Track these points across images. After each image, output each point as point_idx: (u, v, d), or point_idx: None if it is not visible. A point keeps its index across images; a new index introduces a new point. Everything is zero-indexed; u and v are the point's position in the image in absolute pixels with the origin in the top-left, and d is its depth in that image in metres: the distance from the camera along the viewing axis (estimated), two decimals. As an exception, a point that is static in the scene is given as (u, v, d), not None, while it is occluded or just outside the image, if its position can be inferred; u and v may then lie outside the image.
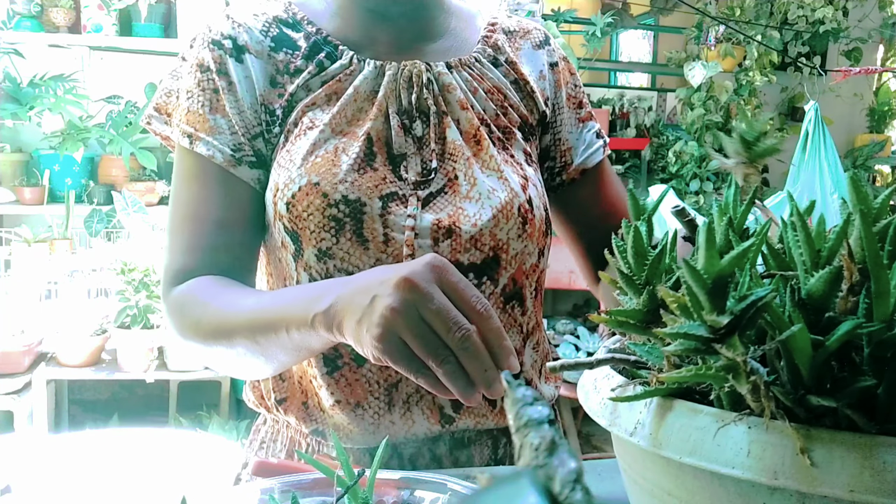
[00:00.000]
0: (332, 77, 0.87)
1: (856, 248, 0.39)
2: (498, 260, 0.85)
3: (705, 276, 0.38)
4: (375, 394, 0.84)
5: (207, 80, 0.86)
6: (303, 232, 0.82)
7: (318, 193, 0.81)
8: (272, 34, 0.89)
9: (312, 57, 0.88)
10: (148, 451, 0.78)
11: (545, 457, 0.26)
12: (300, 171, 0.82)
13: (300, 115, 0.86)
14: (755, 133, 0.57)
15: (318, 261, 0.82)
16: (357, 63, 0.88)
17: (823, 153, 3.29)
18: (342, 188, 0.81)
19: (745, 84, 3.91)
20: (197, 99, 0.87)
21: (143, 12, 3.10)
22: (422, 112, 0.87)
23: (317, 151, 0.83)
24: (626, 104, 4.11)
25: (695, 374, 0.39)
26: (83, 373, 2.60)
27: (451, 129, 0.87)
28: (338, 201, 0.81)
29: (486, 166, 0.87)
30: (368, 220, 0.81)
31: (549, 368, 0.50)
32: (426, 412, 0.84)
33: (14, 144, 3.18)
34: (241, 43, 0.88)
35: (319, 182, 0.81)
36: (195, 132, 0.85)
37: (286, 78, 0.87)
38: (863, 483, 0.35)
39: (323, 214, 0.81)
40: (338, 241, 0.81)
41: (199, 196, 0.86)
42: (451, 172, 0.85)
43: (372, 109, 0.86)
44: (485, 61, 0.94)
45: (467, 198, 0.84)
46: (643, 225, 0.48)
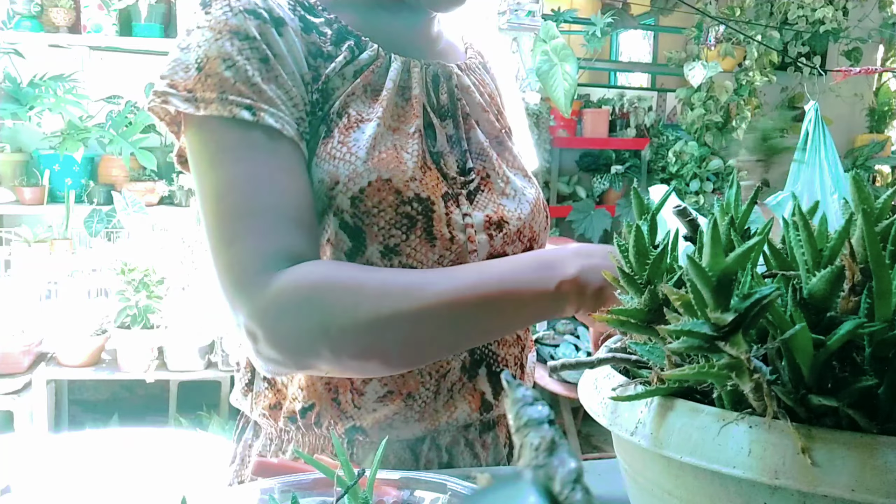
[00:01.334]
0: (365, 67, 0.83)
1: (858, 248, 0.38)
2: (531, 249, 0.90)
3: (710, 274, 0.38)
4: (427, 384, 0.84)
5: (252, 49, 0.76)
6: (369, 228, 0.78)
7: (391, 190, 0.78)
8: (298, 14, 0.83)
9: (340, 44, 0.83)
10: (148, 451, 0.78)
11: (545, 457, 0.26)
12: (367, 166, 0.78)
13: (343, 105, 0.81)
14: (775, 130, 0.57)
15: (383, 257, 0.79)
16: (384, 56, 0.85)
17: (823, 153, 3.29)
18: (413, 186, 0.80)
19: (745, 84, 3.91)
20: (242, 68, 0.75)
21: (143, 12, 3.10)
22: (451, 112, 0.88)
23: (379, 147, 0.80)
24: (626, 104, 4.11)
25: (697, 371, 0.39)
26: (83, 373, 2.60)
27: (476, 131, 0.90)
28: (411, 199, 0.79)
29: (512, 165, 0.91)
30: (437, 219, 0.81)
31: (550, 368, 0.50)
32: (468, 398, 0.86)
33: (14, 144, 3.18)
34: (277, 15, 0.79)
35: (391, 178, 0.78)
36: (255, 103, 0.74)
37: (319, 62, 0.81)
38: (864, 483, 0.35)
39: (396, 211, 0.78)
40: (407, 238, 0.79)
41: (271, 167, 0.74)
42: (483, 171, 0.88)
43: (411, 106, 0.85)
44: (479, 67, 0.97)
45: (504, 194, 0.88)
46: (645, 224, 0.48)
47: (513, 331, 0.85)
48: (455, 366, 0.85)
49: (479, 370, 0.87)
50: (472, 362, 0.86)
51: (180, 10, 3.11)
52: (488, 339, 0.85)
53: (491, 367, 0.87)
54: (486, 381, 0.87)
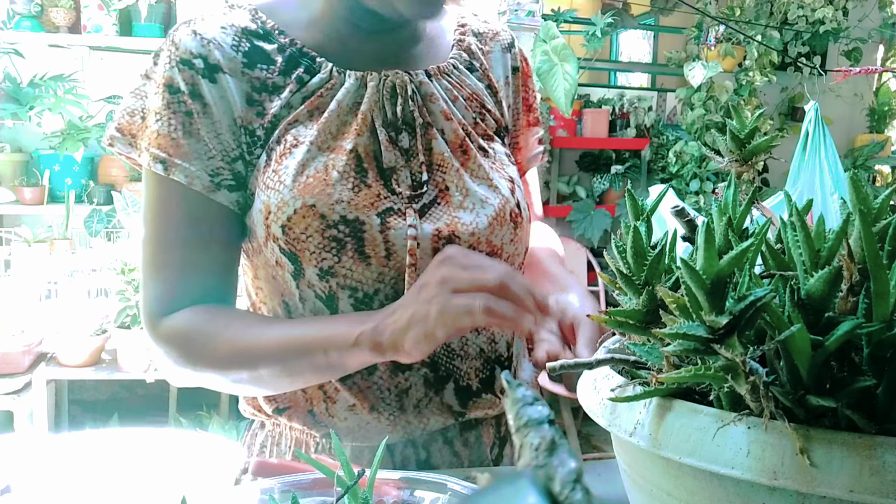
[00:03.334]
0: (314, 92, 0.84)
1: (855, 248, 0.38)
2: None
3: (704, 277, 0.38)
4: (387, 400, 0.86)
5: (178, 102, 0.81)
6: (301, 253, 0.81)
7: (316, 215, 0.80)
8: (243, 48, 0.84)
9: (290, 72, 0.84)
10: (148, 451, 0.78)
11: (545, 457, 0.26)
12: (293, 193, 0.80)
13: (282, 132, 0.83)
14: (746, 130, 0.57)
15: (321, 279, 0.82)
16: (338, 75, 0.85)
17: (823, 153, 3.29)
18: (339, 208, 0.80)
19: (745, 84, 3.91)
20: (168, 122, 0.81)
21: (143, 12, 3.10)
22: (407, 124, 0.86)
23: (306, 171, 0.81)
24: (626, 104, 4.11)
25: (694, 374, 0.39)
26: (83, 373, 2.59)
27: (438, 141, 0.86)
28: (336, 222, 0.80)
29: (476, 175, 0.88)
30: (369, 238, 0.81)
31: (549, 369, 0.50)
32: (436, 411, 0.88)
33: (14, 144, 3.18)
34: (212, 61, 0.82)
35: (315, 204, 0.80)
36: (169, 157, 0.81)
37: (264, 96, 0.84)
38: (862, 483, 0.35)
39: (322, 236, 0.80)
40: (339, 260, 0.81)
41: (177, 221, 0.83)
42: (442, 183, 0.86)
43: (356, 123, 0.84)
44: (461, 67, 0.93)
45: (461, 207, 0.85)
46: (642, 225, 0.48)
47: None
48: (416, 381, 0.86)
49: (447, 385, 0.87)
50: (438, 378, 0.87)
51: (180, 10, 3.11)
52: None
53: (458, 382, 0.88)
54: (454, 395, 0.88)
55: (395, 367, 0.86)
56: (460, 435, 0.92)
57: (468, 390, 0.89)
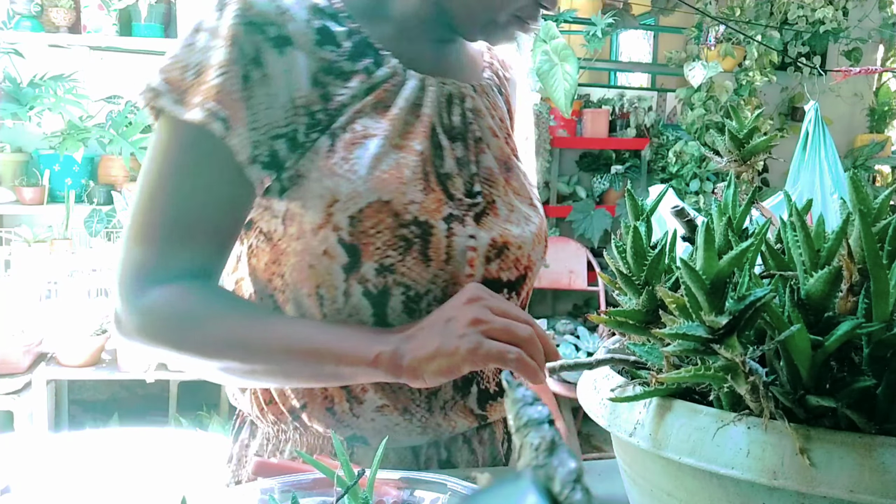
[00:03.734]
0: (379, 85, 0.83)
1: (855, 249, 0.38)
2: (525, 278, 0.90)
3: (704, 277, 0.38)
4: (417, 401, 0.86)
5: (243, 64, 0.76)
6: (365, 247, 0.79)
7: (390, 212, 0.79)
8: (315, 24, 0.81)
9: (357, 60, 0.82)
10: (148, 451, 0.78)
11: (545, 457, 0.26)
12: (367, 186, 0.78)
13: (349, 120, 0.80)
14: (744, 130, 0.57)
15: (378, 275, 0.80)
16: (401, 73, 0.84)
17: (823, 153, 3.29)
18: (413, 209, 0.80)
19: (745, 84, 3.91)
20: (232, 78, 0.75)
21: (143, 12, 3.10)
22: (461, 134, 0.87)
23: (381, 166, 0.79)
24: (626, 104, 4.11)
25: (693, 374, 0.39)
26: (83, 373, 2.59)
27: (486, 155, 0.88)
28: (409, 222, 0.80)
29: (518, 193, 0.90)
30: (435, 241, 0.81)
31: (549, 369, 0.50)
32: (461, 414, 0.88)
33: (14, 144, 3.18)
34: (285, 33, 0.78)
35: (391, 201, 0.79)
36: (230, 118, 0.75)
37: (330, 79, 0.80)
38: (862, 483, 0.35)
39: (393, 233, 0.79)
40: (403, 259, 0.80)
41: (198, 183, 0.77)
42: (489, 197, 0.87)
43: (419, 125, 0.83)
44: (493, 89, 0.95)
45: (509, 221, 0.87)
46: (642, 225, 0.48)
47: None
48: (445, 384, 0.86)
49: (471, 388, 0.88)
50: (465, 381, 0.87)
51: (180, 10, 3.11)
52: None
53: (479, 385, 0.89)
54: (475, 398, 0.88)
55: None
56: (477, 433, 0.92)
57: (486, 393, 0.90)
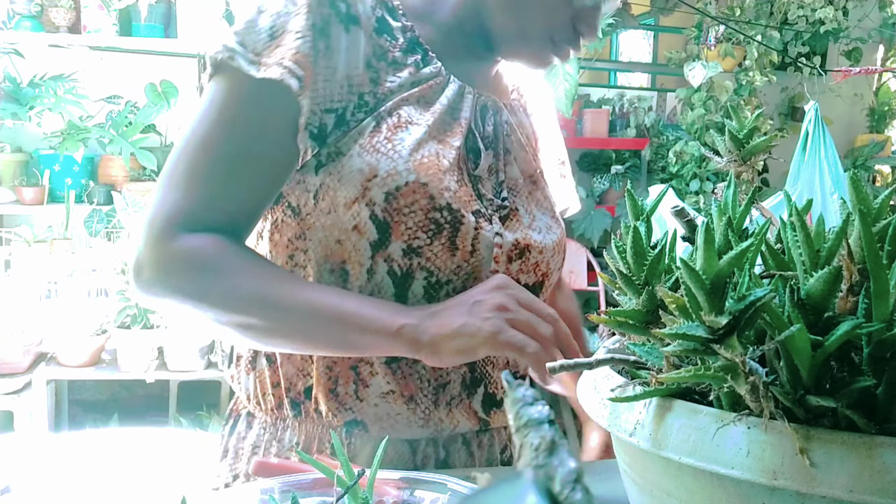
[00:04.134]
0: (424, 81, 0.86)
1: (855, 248, 0.38)
2: (542, 285, 0.92)
3: (704, 277, 0.38)
4: (425, 391, 0.86)
5: (319, 33, 0.79)
6: (396, 225, 0.80)
7: (426, 194, 0.81)
8: (378, 13, 0.85)
9: (409, 53, 0.86)
10: (148, 451, 0.78)
11: (545, 457, 0.26)
12: (408, 166, 0.80)
13: (395, 106, 0.83)
14: (745, 130, 0.57)
15: (404, 255, 0.81)
16: (445, 75, 0.88)
17: (823, 153, 3.29)
18: (447, 195, 0.82)
19: (745, 84, 3.90)
20: (307, 44, 0.78)
21: (143, 12, 3.10)
22: (493, 143, 0.90)
23: (422, 150, 0.83)
24: (626, 104, 4.11)
25: (693, 374, 0.39)
26: (83, 373, 2.60)
27: (513, 167, 0.92)
28: (442, 206, 0.82)
29: (540, 206, 0.94)
30: (464, 231, 0.83)
31: (549, 369, 0.50)
32: (465, 413, 0.88)
33: (14, 144, 3.18)
34: (354, 12, 0.82)
35: (428, 183, 0.81)
36: (304, 79, 0.78)
37: (383, 65, 0.84)
38: (862, 483, 0.35)
39: (426, 216, 0.81)
40: (431, 243, 0.82)
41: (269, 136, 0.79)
42: (513, 204, 0.90)
43: (457, 126, 0.87)
44: (520, 110, 0.99)
45: (531, 228, 0.90)
46: (642, 225, 0.48)
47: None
48: (455, 379, 0.87)
49: (478, 389, 0.88)
50: (473, 380, 0.88)
51: (180, 10, 3.11)
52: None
53: (487, 388, 0.89)
54: (481, 400, 0.89)
55: None
56: (477, 437, 0.92)
57: (493, 398, 0.90)
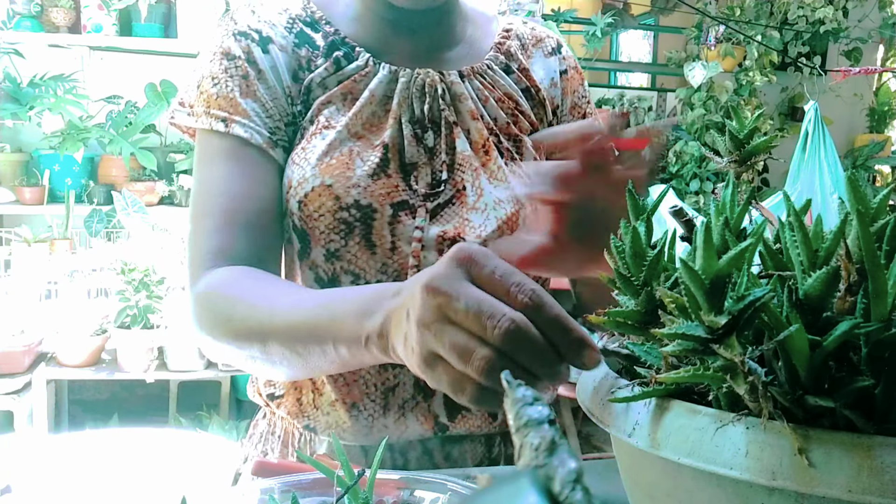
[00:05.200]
0: (348, 76, 0.88)
1: (853, 248, 0.39)
2: None
3: (703, 277, 0.38)
4: (372, 396, 0.86)
5: (235, 68, 0.86)
6: (312, 231, 0.84)
7: (331, 195, 0.82)
8: (295, 30, 0.90)
9: (330, 55, 0.89)
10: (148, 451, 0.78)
11: (545, 457, 0.26)
12: (314, 171, 0.83)
13: (316, 112, 0.87)
14: (745, 131, 0.58)
15: (326, 261, 0.84)
16: (372, 66, 0.89)
17: (823, 153, 3.29)
18: (355, 192, 0.82)
19: (745, 84, 3.91)
20: (225, 84, 0.86)
21: (143, 12, 3.10)
22: (433, 122, 0.88)
23: (332, 153, 0.84)
24: (626, 104, 4.11)
25: (692, 374, 0.39)
26: (83, 373, 2.60)
27: (461, 140, 0.88)
28: (349, 205, 0.82)
29: (494, 177, 0.88)
30: (378, 227, 0.83)
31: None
32: (420, 419, 0.86)
33: (14, 144, 3.18)
34: (266, 35, 0.88)
35: (333, 184, 0.82)
36: (229, 115, 0.85)
37: (306, 74, 0.88)
38: (861, 483, 0.35)
39: (334, 217, 0.83)
40: (346, 244, 0.83)
41: (233, 174, 0.84)
42: (460, 183, 0.87)
43: (387, 117, 0.87)
44: (497, 69, 0.94)
45: (474, 209, 0.86)
46: (641, 225, 0.48)
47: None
48: (406, 381, 0.86)
49: (436, 392, 0.85)
50: None
51: (180, 10, 3.11)
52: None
53: None
54: (442, 404, 0.86)
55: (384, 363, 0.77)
56: (442, 447, 0.89)
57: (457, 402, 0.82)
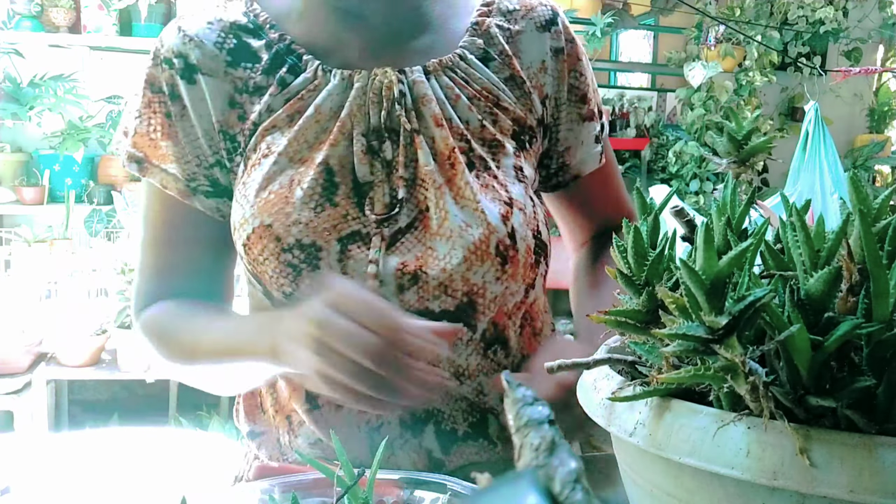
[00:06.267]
0: (295, 94, 0.78)
1: (855, 249, 0.38)
2: (474, 305, 0.76)
3: (703, 277, 0.38)
4: (356, 437, 0.78)
5: (159, 103, 0.80)
6: (262, 276, 0.77)
7: (272, 237, 0.74)
8: (229, 45, 0.79)
9: (273, 72, 0.78)
10: (148, 451, 0.78)
11: (545, 457, 0.26)
12: (253, 210, 0.75)
13: (259, 139, 0.78)
14: (744, 131, 0.57)
15: (286, 305, 0.76)
16: (322, 75, 0.78)
17: (823, 153, 3.29)
18: (295, 231, 0.73)
19: (745, 84, 3.90)
20: (147, 121, 0.81)
21: (143, 12, 3.10)
22: (392, 131, 0.77)
23: (270, 185, 0.75)
24: (626, 104, 4.11)
25: (693, 374, 0.39)
26: (83, 373, 2.59)
27: (423, 151, 0.77)
28: (291, 245, 0.73)
29: (461, 195, 0.76)
30: (325, 267, 0.73)
31: (547, 368, 0.50)
32: (412, 456, 0.78)
33: (14, 144, 3.18)
34: (192, 61, 0.79)
35: (272, 224, 0.74)
36: (146, 157, 0.81)
37: (245, 97, 0.79)
38: (862, 483, 0.35)
39: (278, 260, 0.74)
40: (298, 288, 0.75)
41: (160, 219, 0.83)
42: (423, 203, 0.76)
43: (337, 131, 0.76)
44: (472, 58, 0.81)
45: (437, 234, 0.75)
46: (644, 225, 0.48)
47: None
48: (391, 420, 0.78)
49: (426, 427, 0.79)
50: (415, 419, 0.78)
51: (180, 11, 3.11)
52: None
53: (440, 425, 0.79)
54: (434, 438, 0.79)
55: None
56: None
57: (452, 434, 0.79)
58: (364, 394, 0.63)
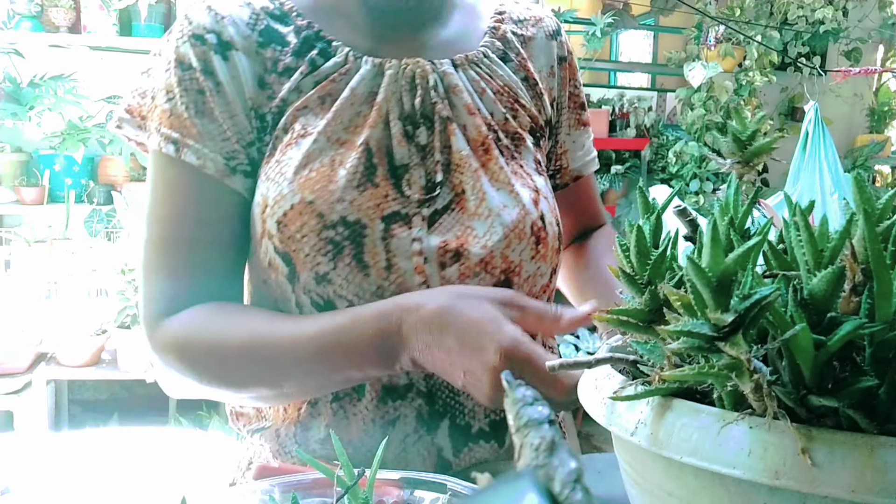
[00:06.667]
0: (326, 77, 0.78)
1: (859, 249, 0.38)
2: (510, 284, 0.78)
3: (710, 274, 0.38)
4: (370, 432, 0.78)
5: (191, 80, 0.76)
6: (296, 254, 0.75)
7: (314, 213, 0.73)
8: (260, 27, 0.79)
9: (303, 54, 0.79)
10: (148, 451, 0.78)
11: (545, 457, 0.26)
12: (292, 187, 0.74)
13: (291, 119, 0.77)
14: (748, 132, 0.57)
15: (318, 285, 0.75)
16: (353, 61, 0.79)
17: (823, 153, 3.29)
18: (340, 208, 0.73)
19: (745, 84, 3.91)
20: (180, 100, 0.76)
21: (143, 12, 3.10)
22: (426, 117, 0.79)
23: (311, 164, 0.75)
24: (626, 104, 4.11)
25: (697, 372, 0.39)
26: (83, 373, 2.59)
27: (457, 137, 0.79)
28: (335, 222, 0.73)
29: (496, 179, 0.79)
30: (370, 244, 0.74)
31: (548, 368, 0.50)
32: (423, 454, 0.78)
33: (14, 144, 3.18)
34: (226, 38, 0.77)
35: (314, 200, 0.73)
36: (181, 138, 0.76)
37: (274, 77, 0.78)
38: (864, 483, 0.35)
39: (319, 237, 0.73)
40: (335, 267, 0.74)
41: (186, 212, 0.77)
42: (459, 186, 0.78)
43: (371, 114, 0.77)
44: (493, 56, 0.85)
45: (476, 215, 0.77)
46: (646, 224, 0.48)
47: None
48: (406, 413, 0.78)
49: (441, 423, 0.78)
50: (433, 413, 0.78)
51: (180, 11, 3.11)
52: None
53: (455, 420, 0.79)
54: (447, 435, 0.78)
55: (385, 395, 0.77)
56: None
57: (466, 432, 0.79)
58: None
